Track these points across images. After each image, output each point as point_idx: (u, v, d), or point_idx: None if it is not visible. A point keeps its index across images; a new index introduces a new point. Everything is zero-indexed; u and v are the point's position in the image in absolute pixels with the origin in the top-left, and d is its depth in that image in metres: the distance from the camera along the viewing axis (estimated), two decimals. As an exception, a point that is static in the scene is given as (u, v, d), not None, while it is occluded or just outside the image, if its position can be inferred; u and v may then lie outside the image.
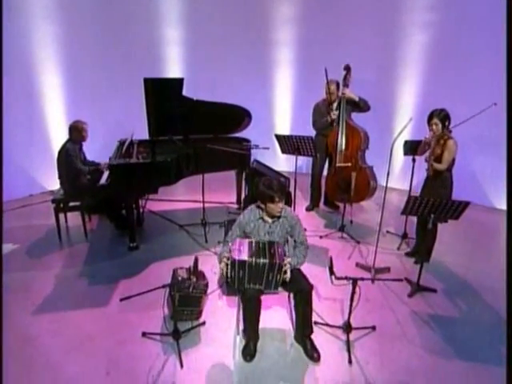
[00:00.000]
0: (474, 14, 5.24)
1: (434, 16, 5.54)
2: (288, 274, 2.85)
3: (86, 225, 4.68)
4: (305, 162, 6.70)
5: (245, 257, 2.77)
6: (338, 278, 2.99)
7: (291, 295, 3.50)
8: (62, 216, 4.71)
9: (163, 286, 2.89)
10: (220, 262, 2.92)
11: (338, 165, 4.86)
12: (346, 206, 4.81)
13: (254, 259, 2.77)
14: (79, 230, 4.74)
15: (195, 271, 2.91)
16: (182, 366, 2.86)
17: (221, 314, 3.41)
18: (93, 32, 6.02)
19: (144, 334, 3.14)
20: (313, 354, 2.93)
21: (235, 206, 5.53)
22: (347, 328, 3.10)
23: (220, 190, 5.82)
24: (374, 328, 3.23)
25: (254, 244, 2.90)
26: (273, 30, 6.57)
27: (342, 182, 4.84)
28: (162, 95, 4.20)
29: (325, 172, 5.31)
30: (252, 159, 5.18)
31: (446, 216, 3.52)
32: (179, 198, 5.90)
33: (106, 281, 3.83)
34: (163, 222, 5.12)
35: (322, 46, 6.23)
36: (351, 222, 5.03)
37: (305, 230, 3.26)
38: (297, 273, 2.99)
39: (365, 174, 4.81)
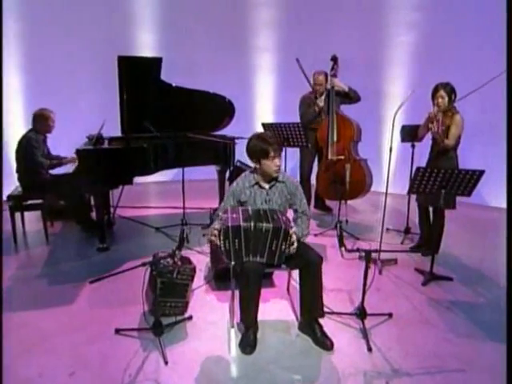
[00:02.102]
0: (462, 13, 5.32)
1: (420, 15, 5.61)
2: (295, 245, 2.53)
3: (47, 227, 4.18)
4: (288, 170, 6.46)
5: (239, 222, 2.44)
6: (348, 251, 2.70)
7: (291, 285, 3.21)
8: (18, 218, 4.23)
9: (143, 264, 2.50)
10: (210, 236, 2.55)
11: (330, 158, 4.63)
12: (341, 205, 4.55)
13: (253, 224, 2.44)
14: (39, 234, 4.24)
15: (181, 244, 2.52)
16: (166, 362, 2.40)
17: (210, 308, 2.99)
18: (60, 32, 5.79)
19: (118, 331, 2.67)
20: (324, 341, 2.54)
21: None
22: (361, 314, 2.73)
23: (200, 198, 5.45)
24: (390, 315, 2.89)
25: (251, 211, 2.58)
26: (253, 34, 6.51)
27: (336, 177, 4.59)
28: (138, 77, 3.94)
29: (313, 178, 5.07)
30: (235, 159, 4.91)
31: (457, 191, 3.28)
32: (153, 204, 5.51)
33: (71, 280, 3.35)
34: (136, 226, 4.69)
35: (304, 49, 6.16)
36: (346, 221, 4.73)
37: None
38: (303, 245, 2.67)
39: (359, 167, 4.59)
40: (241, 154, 4.91)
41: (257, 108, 6.76)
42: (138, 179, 4.09)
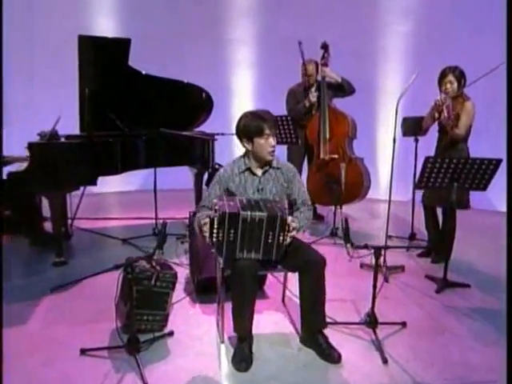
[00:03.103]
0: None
1: (417, 1, 5.80)
2: (294, 233, 2.48)
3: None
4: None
5: (238, 210, 2.38)
6: (356, 248, 2.73)
7: (286, 295, 3.16)
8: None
9: (116, 267, 2.40)
10: (199, 228, 2.50)
11: (322, 157, 4.62)
12: (336, 210, 4.56)
13: (248, 213, 2.37)
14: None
15: (163, 241, 2.41)
16: (145, 383, 2.25)
17: (193, 323, 2.88)
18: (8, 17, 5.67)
19: (83, 351, 2.51)
20: (330, 353, 2.46)
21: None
22: (372, 322, 2.68)
23: (172, 208, 5.34)
24: (403, 324, 2.85)
25: (243, 200, 2.53)
26: (229, 24, 6.56)
27: (329, 178, 4.57)
28: (102, 61, 3.86)
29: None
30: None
31: (472, 184, 3.31)
32: (117, 215, 5.40)
33: (22, 298, 3.17)
34: (98, 238, 4.54)
35: (287, 39, 6.22)
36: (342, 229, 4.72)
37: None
38: (302, 245, 2.66)
39: (356, 166, 4.60)
40: (220, 155, 4.89)
41: (234, 105, 6.75)
42: (98, 188, 4.01)
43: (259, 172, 2.68)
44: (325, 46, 4.70)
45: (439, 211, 3.93)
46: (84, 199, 4.66)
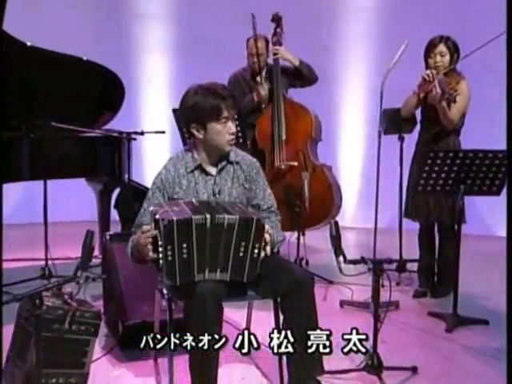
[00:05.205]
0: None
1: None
2: (268, 250, 2.51)
3: None
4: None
5: (189, 214, 2.34)
6: (349, 262, 2.81)
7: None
8: None
9: (16, 299, 2.25)
10: (137, 252, 2.50)
11: (277, 165, 4.67)
12: (298, 236, 4.66)
13: (209, 216, 2.35)
14: None
15: (88, 256, 2.29)
16: None
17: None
18: None
19: None
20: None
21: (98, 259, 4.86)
22: (376, 366, 2.73)
23: (62, 246, 5.17)
24: (414, 369, 2.93)
25: (193, 202, 2.52)
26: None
27: (288, 193, 4.60)
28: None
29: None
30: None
31: (481, 186, 3.46)
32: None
33: None
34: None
35: (219, 15, 6.39)
36: (307, 262, 4.80)
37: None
38: (279, 260, 2.71)
39: (323, 176, 4.67)
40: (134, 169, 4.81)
41: (144, 98, 6.90)
42: None
43: (213, 170, 2.69)
44: (276, 19, 4.79)
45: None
46: None
